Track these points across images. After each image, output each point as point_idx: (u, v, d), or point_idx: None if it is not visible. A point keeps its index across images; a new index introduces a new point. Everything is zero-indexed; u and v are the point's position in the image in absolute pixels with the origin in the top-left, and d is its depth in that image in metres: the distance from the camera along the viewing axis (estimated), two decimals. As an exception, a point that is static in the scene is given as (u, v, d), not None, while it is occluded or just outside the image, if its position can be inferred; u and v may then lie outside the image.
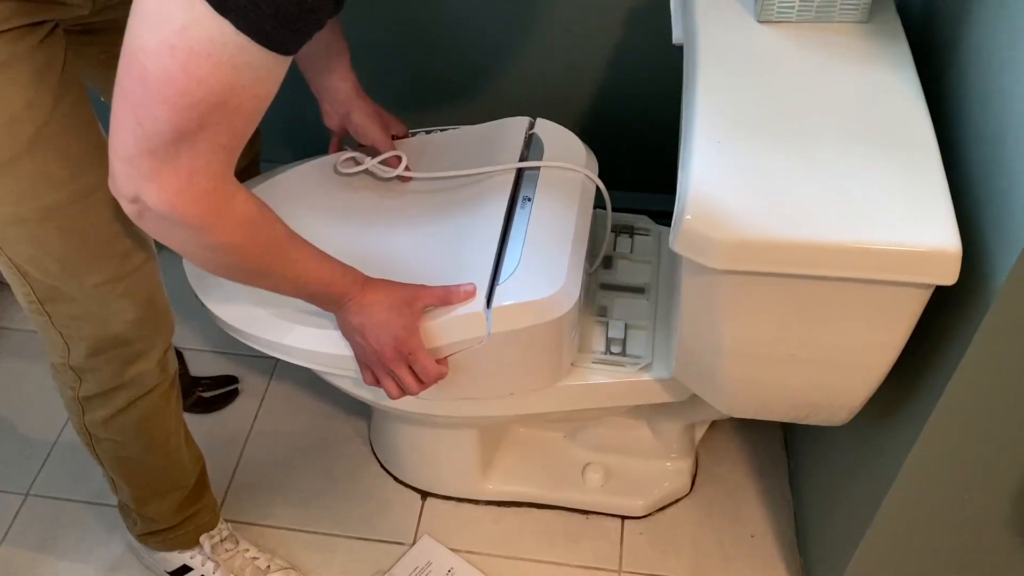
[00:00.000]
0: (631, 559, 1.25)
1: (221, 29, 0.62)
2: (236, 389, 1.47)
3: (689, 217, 0.75)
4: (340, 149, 1.19)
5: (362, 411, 1.42)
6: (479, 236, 1.03)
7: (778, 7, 0.92)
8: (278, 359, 1.54)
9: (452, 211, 1.09)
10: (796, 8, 0.92)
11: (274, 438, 1.41)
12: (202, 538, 1.18)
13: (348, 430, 1.41)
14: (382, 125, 1.14)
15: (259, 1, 0.62)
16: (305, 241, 0.85)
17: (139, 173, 0.69)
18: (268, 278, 0.84)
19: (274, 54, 0.65)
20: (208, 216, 0.72)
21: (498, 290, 0.96)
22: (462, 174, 1.12)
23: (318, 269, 0.87)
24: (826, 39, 0.91)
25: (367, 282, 0.93)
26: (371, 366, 0.97)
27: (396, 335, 0.93)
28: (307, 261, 0.86)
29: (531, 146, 1.15)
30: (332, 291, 0.90)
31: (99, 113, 0.86)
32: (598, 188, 1.10)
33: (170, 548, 1.18)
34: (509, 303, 0.95)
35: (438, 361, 0.97)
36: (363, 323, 0.92)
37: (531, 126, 1.17)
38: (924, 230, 0.72)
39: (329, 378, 1.10)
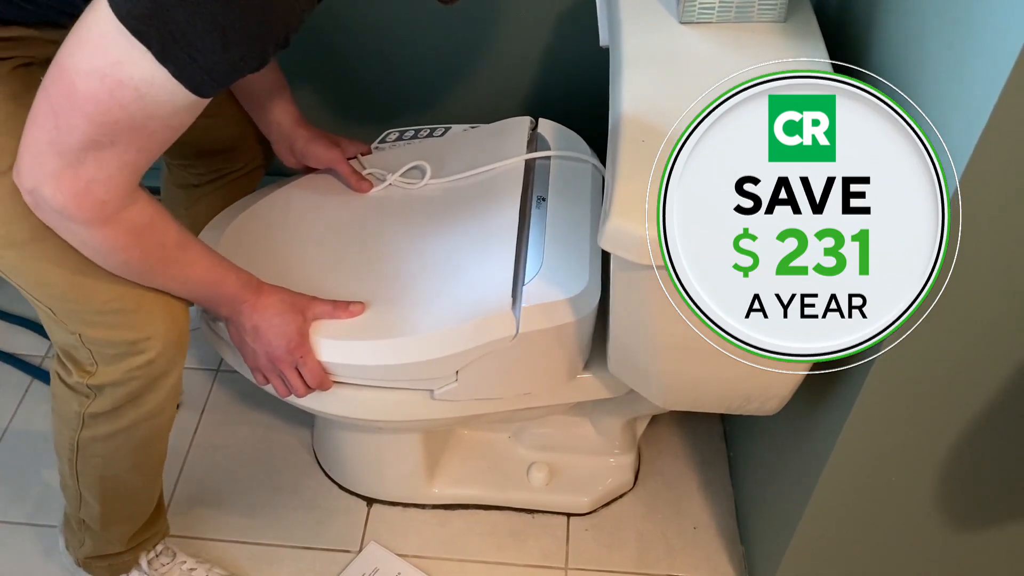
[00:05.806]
0: (577, 556, 1.26)
1: (156, 73, 0.69)
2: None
3: (615, 214, 0.77)
4: None
5: (305, 420, 1.41)
6: (497, 238, 1.05)
7: (699, 9, 0.94)
8: (217, 370, 1.52)
9: (466, 214, 1.10)
10: (716, 9, 0.94)
11: (215, 450, 1.39)
12: (140, 557, 1.16)
13: (291, 440, 1.40)
14: (329, 145, 1.16)
15: (196, 56, 0.69)
16: (201, 246, 0.91)
17: (43, 169, 0.74)
18: (156, 278, 0.89)
19: (198, 98, 0.72)
20: (97, 220, 0.77)
21: (525, 290, 0.98)
22: (480, 171, 1.14)
23: (207, 272, 0.92)
24: (745, 39, 0.93)
25: (261, 286, 0.97)
26: (261, 368, 1.00)
27: (289, 337, 0.96)
28: (196, 265, 0.91)
29: (536, 145, 1.16)
30: (222, 292, 0.94)
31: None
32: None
33: (112, 574, 1.16)
34: (537, 303, 0.96)
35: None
36: (257, 325, 0.96)
37: (533, 126, 1.19)
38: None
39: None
